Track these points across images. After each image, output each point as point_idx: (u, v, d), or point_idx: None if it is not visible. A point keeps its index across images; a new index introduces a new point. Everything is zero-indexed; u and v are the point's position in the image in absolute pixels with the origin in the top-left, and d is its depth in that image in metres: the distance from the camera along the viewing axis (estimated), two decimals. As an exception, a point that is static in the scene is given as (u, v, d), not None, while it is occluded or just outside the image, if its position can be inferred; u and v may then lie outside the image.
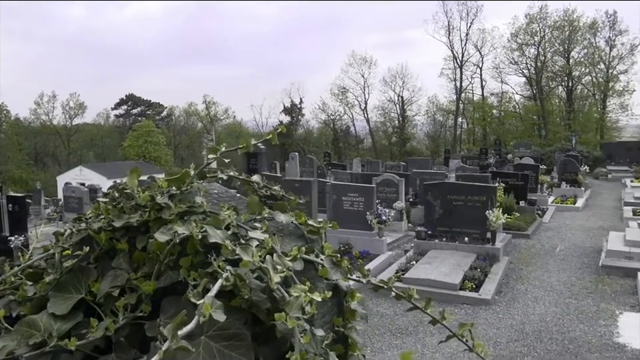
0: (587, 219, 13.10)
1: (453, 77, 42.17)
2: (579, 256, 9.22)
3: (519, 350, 5.35)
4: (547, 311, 6.48)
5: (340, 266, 0.99)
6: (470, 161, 23.67)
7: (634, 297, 6.83)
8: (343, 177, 16.63)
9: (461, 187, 9.29)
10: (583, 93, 40.26)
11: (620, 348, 5.34)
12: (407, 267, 7.92)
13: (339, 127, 45.58)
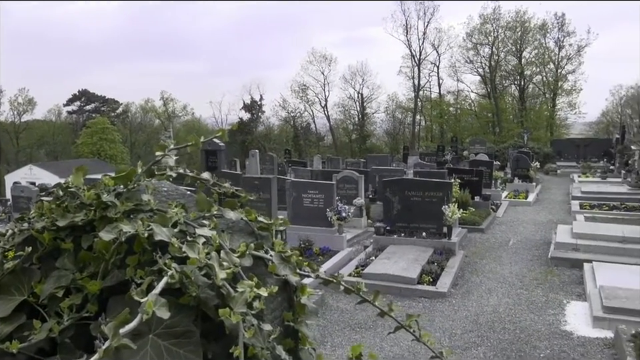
0: (537, 213, 13.64)
1: (411, 75, 42.92)
2: (530, 248, 9.59)
3: (473, 340, 5.53)
4: (500, 301, 6.72)
5: (289, 261, 1.00)
6: (428, 157, 24.18)
7: (580, 287, 7.17)
8: (304, 174, 16.64)
9: (418, 183, 9.49)
10: (534, 92, 41.80)
11: (567, 335, 5.60)
12: (367, 263, 8.03)
13: (299, 124, 45.56)
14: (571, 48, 38.83)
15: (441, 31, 42.22)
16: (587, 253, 8.33)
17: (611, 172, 21.39)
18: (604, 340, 5.40)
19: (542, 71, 40.30)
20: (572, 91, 39.86)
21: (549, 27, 38.91)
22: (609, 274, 7.01)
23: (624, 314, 5.62)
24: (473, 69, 41.16)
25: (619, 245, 8.45)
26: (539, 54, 39.60)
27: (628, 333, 5.10)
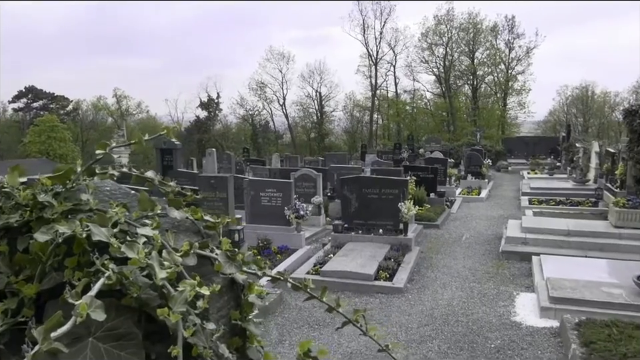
0: (490, 209, 14.10)
1: (369, 74, 43.41)
2: (483, 243, 9.91)
3: (428, 334, 5.66)
4: (454, 295, 6.91)
5: (234, 260, 0.99)
6: (385, 155, 24.52)
7: (529, 279, 7.47)
8: (262, 173, 16.55)
9: (375, 180, 9.62)
10: (486, 92, 43.14)
11: (516, 325, 5.82)
12: (325, 260, 8.07)
13: (257, 122, 45.23)
14: (520, 49, 40.34)
15: (397, 31, 42.94)
16: (535, 246, 8.69)
17: (558, 168, 22.35)
18: (550, 329, 5.65)
19: (493, 71, 41.67)
20: (521, 91, 41.42)
21: (499, 29, 40.26)
22: (555, 266, 7.34)
23: (569, 304, 5.89)
24: (428, 68, 42.09)
25: (564, 238, 8.86)
26: (491, 55, 40.90)
27: (572, 321, 5.36)
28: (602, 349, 4.62)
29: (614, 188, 13.50)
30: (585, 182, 16.84)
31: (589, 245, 8.62)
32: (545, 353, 5.10)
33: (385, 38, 42.48)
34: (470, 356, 5.09)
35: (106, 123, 52.01)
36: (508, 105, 42.27)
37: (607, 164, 15.38)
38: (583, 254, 8.33)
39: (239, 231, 6.94)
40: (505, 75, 41.18)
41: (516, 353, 5.11)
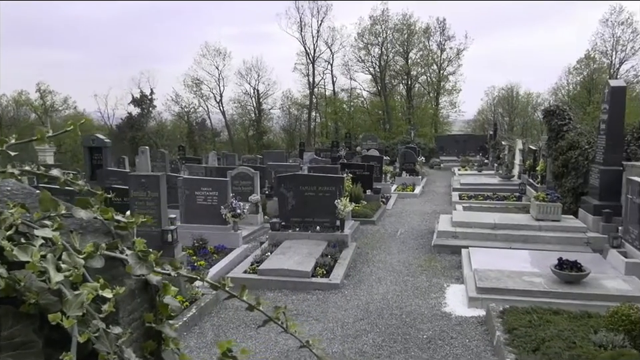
0: (423, 204, 14.58)
1: (306, 72, 43.54)
2: (416, 238, 10.23)
3: (364, 328, 5.77)
4: (389, 289, 7.09)
5: (146, 260, 0.96)
6: (323, 153, 24.71)
7: (459, 271, 7.80)
8: (198, 171, 16.16)
9: (311, 178, 9.66)
10: (420, 91, 44.59)
11: (447, 316, 6.07)
12: (262, 259, 8.01)
13: (193, 120, 44.14)
14: (451, 51, 42.02)
15: (334, 30, 43.48)
16: (465, 240, 9.10)
17: (486, 165, 23.50)
18: (478, 318, 5.93)
19: (426, 72, 43.15)
20: (453, 91, 43.21)
21: (432, 31, 41.72)
22: (482, 258, 7.71)
23: (494, 293, 6.21)
24: (364, 67, 42.85)
25: (490, 231, 9.33)
26: (424, 55, 42.31)
27: (497, 310, 5.66)
28: (523, 335, 4.91)
29: (535, 183, 14.40)
30: (510, 178, 17.82)
31: (513, 237, 9.12)
32: (472, 341, 5.34)
33: (322, 36, 42.80)
34: (403, 347, 5.24)
35: (29, 119, 48.80)
36: (440, 104, 43.93)
37: (530, 161, 16.39)
38: (507, 246, 8.80)
39: (172, 231, 6.74)
40: (437, 76, 42.77)
41: (446, 343, 5.33)
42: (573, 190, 10.97)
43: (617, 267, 7.26)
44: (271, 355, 5.12)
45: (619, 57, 39.45)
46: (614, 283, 6.29)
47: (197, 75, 43.71)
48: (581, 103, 38.64)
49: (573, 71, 42.29)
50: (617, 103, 9.25)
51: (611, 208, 8.91)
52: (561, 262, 6.46)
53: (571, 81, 43.05)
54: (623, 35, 38.92)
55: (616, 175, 9.17)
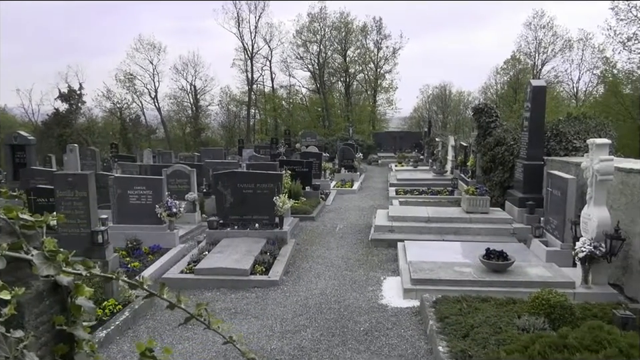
0: (361, 200, 14.86)
1: (245, 68, 43.07)
2: (355, 233, 10.42)
3: (303, 323, 5.81)
4: (327, 284, 7.18)
5: (54, 260, 0.92)
6: (263, 150, 24.56)
7: (395, 264, 8.02)
8: (132, 170, 15.60)
9: (250, 175, 9.58)
10: (358, 89, 45.37)
11: (383, 308, 6.23)
12: (200, 258, 7.87)
13: (127, 116, 42.43)
14: (387, 50, 43.02)
15: (272, 26, 43.20)
16: (400, 233, 9.37)
17: (421, 161, 24.32)
18: (412, 308, 6.14)
19: (364, 70, 43.94)
20: (389, 89, 44.29)
21: (368, 30, 42.51)
22: (417, 250, 7.98)
23: (428, 284, 6.45)
24: (303, 64, 42.99)
25: (425, 225, 9.67)
26: (361, 54, 43.06)
27: (430, 300, 5.88)
28: (454, 323, 5.14)
29: (466, 178, 15.05)
30: (443, 173, 18.53)
31: (445, 230, 9.51)
32: (407, 331, 5.53)
33: (260, 32, 42.51)
34: (341, 341, 5.33)
35: (-60, 116, 44.98)
36: (377, 102, 44.92)
37: (461, 156, 17.11)
38: (440, 238, 9.17)
39: (102, 232, 6.45)
40: (375, 74, 43.67)
41: (382, 334, 5.47)
42: (500, 184, 11.57)
43: (539, 255, 7.75)
44: (209, 355, 5.05)
45: (541, 58, 42.07)
46: (536, 270, 6.72)
47: (129, 70, 42.10)
48: (507, 102, 40.87)
49: (501, 71, 44.67)
50: (538, 101, 9.85)
51: (534, 200, 9.50)
52: (488, 252, 6.81)
53: (498, 81, 45.45)
54: (545, 38, 41.55)
55: (538, 169, 9.78)
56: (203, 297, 6.76)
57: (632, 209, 6.43)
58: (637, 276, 6.20)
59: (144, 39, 43.03)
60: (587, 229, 6.37)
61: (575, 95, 41.11)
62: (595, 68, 37.36)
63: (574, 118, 11.04)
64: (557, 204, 7.96)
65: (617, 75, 31.20)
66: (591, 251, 6.05)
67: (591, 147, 6.40)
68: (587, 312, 5.24)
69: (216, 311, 6.25)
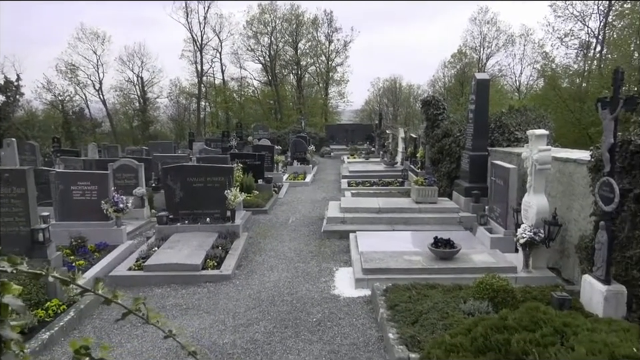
0: (314, 192, 14.93)
1: (194, 59, 42.16)
2: (307, 225, 10.46)
3: (256, 316, 5.80)
4: (280, 276, 7.19)
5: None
6: (214, 143, 24.16)
7: (347, 254, 8.12)
8: (75, 165, 14.94)
9: (200, 169, 9.42)
10: (310, 81, 45.40)
11: (335, 298, 6.31)
12: (149, 254, 7.68)
13: (70, 109, 40.57)
14: (338, 43, 43.23)
15: (222, 17, 42.54)
16: (352, 224, 9.49)
17: (373, 153, 24.65)
18: (364, 298, 6.25)
19: (315, 62, 44.01)
20: (341, 82, 44.61)
21: (319, 22, 42.55)
22: (368, 241, 8.12)
23: (379, 273, 6.59)
24: (254, 56, 42.55)
25: (376, 215, 9.84)
26: (312, 46, 43.08)
27: (381, 288, 6.01)
28: (404, 310, 5.28)
29: (416, 169, 15.41)
30: (394, 164, 18.89)
31: (396, 220, 9.71)
32: (359, 320, 5.63)
33: (210, 23, 41.72)
34: (294, 332, 5.36)
35: None
36: (329, 95, 45.14)
37: (411, 148, 17.49)
38: (391, 228, 9.36)
39: (43, 230, 6.17)
40: (326, 66, 43.82)
41: (334, 324, 5.55)
42: (447, 174, 11.93)
43: (483, 242, 8.07)
44: (159, 352, 4.95)
45: (485, 52, 43.54)
46: (481, 257, 6.99)
47: (71, 60, 40.26)
48: (455, 94, 42.07)
49: (448, 65, 45.89)
50: (482, 94, 10.20)
51: (479, 189, 9.85)
52: (436, 240, 7.03)
53: (446, 74, 46.67)
54: (489, 33, 43.01)
55: (482, 159, 10.14)
56: (153, 293, 6.62)
57: (568, 196, 6.80)
58: (573, 259, 6.58)
59: (86, 28, 41.22)
60: (527, 216, 6.68)
61: (517, 88, 42.81)
62: (535, 62, 39.03)
63: (516, 110, 11.50)
64: (500, 193, 8.29)
65: (555, 70, 32.73)
66: (531, 237, 6.35)
67: (531, 138, 6.70)
68: (528, 295, 5.51)
69: (167, 307, 6.14)
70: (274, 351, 4.97)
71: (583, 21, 32.71)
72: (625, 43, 25.94)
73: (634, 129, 5.38)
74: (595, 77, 27.88)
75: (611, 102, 5.08)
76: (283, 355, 4.88)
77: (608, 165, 5.10)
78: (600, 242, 5.12)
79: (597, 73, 28.25)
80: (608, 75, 6.51)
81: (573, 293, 5.59)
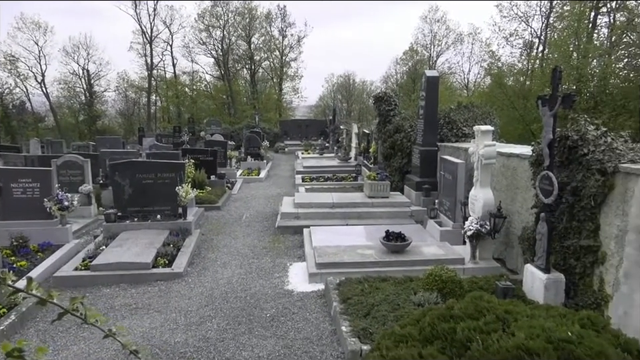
0: (268, 188, 14.86)
1: (143, 52, 40.93)
2: (261, 221, 10.41)
3: (208, 314, 5.73)
4: (234, 273, 7.13)
5: None
6: (165, 139, 23.61)
7: (301, 250, 8.15)
8: (16, 161, 14.23)
9: (150, 165, 9.18)
10: (264, 76, 45.03)
11: (289, 293, 6.33)
12: (96, 253, 7.43)
13: (9, 102, 38.47)
14: (292, 38, 43.10)
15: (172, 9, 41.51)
16: (306, 220, 9.52)
17: (327, 149, 24.73)
18: (317, 292, 6.30)
19: (269, 57, 43.70)
20: (295, 77, 44.53)
21: (273, 17, 42.24)
22: (322, 235, 8.18)
23: (332, 267, 6.65)
24: (206, 50, 41.77)
25: (330, 210, 9.91)
26: (266, 41, 42.73)
27: (334, 282, 6.08)
28: (356, 303, 5.36)
29: (369, 164, 15.62)
30: (348, 160, 19.06)
31: (349, 215, 9.82)
32: (312, 314, 5.67)
33: (160, 15, 40.68)
34: (247, 328, 5.34)
35: None
36: (284, 90, 44.93)
37: (364, 143, 17.70)
38: (345, 223, 9.46)
39: (-20, 230, 5.85)
40: (280, 61, 43.59)
41: (288, 319, 5.57)
42: (399, 169, 12.17)
43: (434, 235, 8.30)
44: (107, 354, 4.81)
45: (436, 50, 44.62)
46: (431, 249, 7.20)
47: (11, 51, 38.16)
48: (407, 91, 42.89)
49: (400, 62, 46.69)
50: (431, 91, 10.46)
51: (429, 184, 10.12)
52: (388, 234, 7.17)
53: (398, 71, 47.47)
54: (439, 31, 44.09)
55: (432, 154, 10.42)
56: (101, 293, 6.42)
57: (512, 190, 7.10)
58: (517, 250, 6.89)
59: (27, 18, 39.15)
60: (474, 209, 6.93)
61: (466, 85, 44.17)
62: (482, 61, 40.38)
63: (464, 107, 11.87)
64: (449, 187, 8.55)
65: (501, 68, 33.95)
66: (478, 229, 6.59)
67: (477, 134, 6.95)
68: (474, 285, 5.73)
69: (115, 307, 5.97)
70: (227, 348, 4.93)
71: (527, 22, 34.16)
72: (565, 44, 27.21)
73: (571, 125, 5.68)
74: (538, 76, 29.12)
75: (550, 99, 5.34)
76: (236, 352, 4.85)
77: (547, 159, 5.36)
78: (540, 233, 5.39)
79: (539, 71, 29.52)
80: (549, 73, 6.90)
81: (517, 282, 5.85)
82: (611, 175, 4.96)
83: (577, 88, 24.18)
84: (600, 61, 24.63)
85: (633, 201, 4.67)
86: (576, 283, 5.38)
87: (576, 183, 5.32)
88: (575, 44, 26.59)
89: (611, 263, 4.95)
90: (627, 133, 5.51)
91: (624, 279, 4.76)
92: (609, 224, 4.99)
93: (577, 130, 5.46)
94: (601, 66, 24.65)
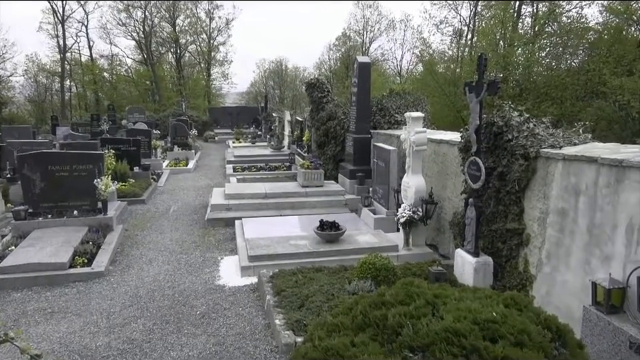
0: (197, 179, 14.33)
1: (55, 33, 37.95)
2: (190, 214, 9.97)
3: (133, 314, 5.35)
4: (160, 270, 6.74)
5: None
6: (82, 128, 22.14)
7: (233, 243, 7.87)
8: None
9: (64, 156, 8.45)
10: (190, 61, 43.36)
11: (220, 289, 6.06)
12: (4, 255, 6.75)
13: None
14: (220, 20, 41.76)
15: (88, -13, 38.61)
16: (238, 211, 9.23)
17: (259, 137, 24.34)
18: (250, 286, 6.08)
19: (196, 40, 42.08)
20: (224, 62, 43.26)
21: (198, -3, 40.43)
22: (254, 227, 7.94)
23: (265, 260, 6.45)
24: (126, 32, 39.41)
25: (262, 201, 9.67)
26: (192, 23, 40.99)
27: (267, 275, 5.89)
28: (290, 295, 5.21)
29: (303, 152, 15.49)
30: (281, 148, 18.82)
31: (283, 205, 9.64)
32: (245, 309, 5.45)
33: (74, -7, 37.74)
34: (176, 327, 5.04)
35: None
36: (212, 76, 43.59)
37: (297, 131, 17.53)
38: (278, 213, 9.27)
39: None
40: (208, 45, 42.16)
41: (220, 315, 5.32)
42: (333, 157, 12.12)
43: (368, 223, 8.32)
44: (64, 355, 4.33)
45: (368, 36, 45.08)
46: (365, 238, 7.18)
47: None
48: (340, 77, 43.04)
49: (333, 48, 46.72)
50: (363, 77, 10.44)
51: (363, 172, 10.12)
52: (322, 223, 7.07)
53: (331, 57, 47.50)
54: (372, 17, 44.55)
55: (366, 142, 10.42)
56: (11, 298, 5.83)
57: (443, 176, 7.23)
58: (448, 235, 7.03)
59: None
60: (406, 196, 6.98)
61: (399, 72, 44.98)
62: (414, 48, 41.24)
63: (396, 94, 11.99)
64: (382, 174, 8.58)
65: (432, 55, 34.86)
66: (410, 216, 6.65)
67: (408, 120, 6.98)
68: (408, 271, 5.76)
69: (28, 312, 5.43)
70: (154, 348, 4.62)
71: (456, 10, 35.21)
72: (492, 32, 28.34)
73: (497, 111, 5.82)
74: (467, 63, 30.20)
75: (476, 86, 5.42)
76: (163, 353, 4.55)
77: (475, 145, 5.46)
78: (469, 217, 5.50)
79: (468, 59, 30.62)
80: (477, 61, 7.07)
81: (449, 267, 5.96)
82: (533, 159, 5.13)
83: (504, 75, 25.30)
84: (524, 50, 25.83)
85: (553, 184, 4.85)
86: (503, 265, 5.56)
87: (502, 168, 5.46)
88: (502, 32, 27.75)
89: (535, 245, 5.14)
90: (548, 119, 5.73)
91: (546, 259, 4.96)
92: (532, 207, 5.17)
93: (502, 116, 5.60)
94: (525, 54, 25.86)
